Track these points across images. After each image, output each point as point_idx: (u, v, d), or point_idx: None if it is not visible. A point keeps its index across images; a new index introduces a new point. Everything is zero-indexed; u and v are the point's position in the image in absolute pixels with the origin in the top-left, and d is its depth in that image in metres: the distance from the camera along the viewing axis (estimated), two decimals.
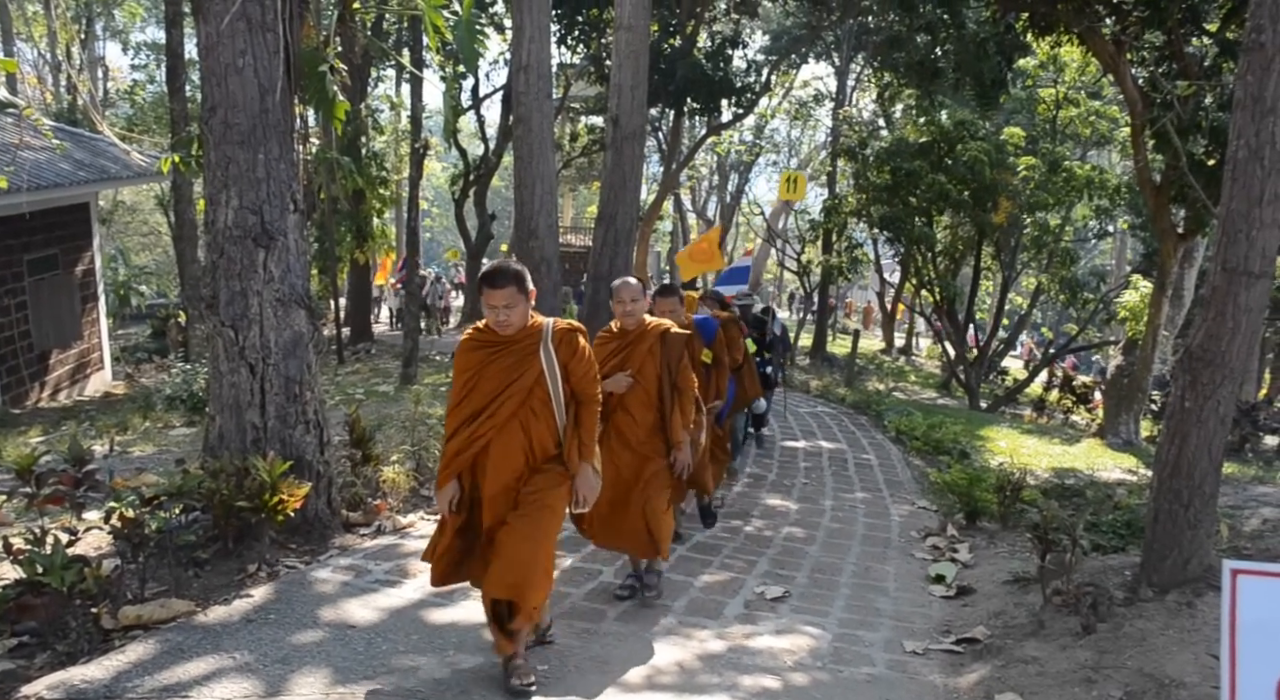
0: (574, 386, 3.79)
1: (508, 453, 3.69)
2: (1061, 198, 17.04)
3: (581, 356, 3.76)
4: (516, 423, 3.69)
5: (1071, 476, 9.23)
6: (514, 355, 3.68)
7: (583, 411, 3.84)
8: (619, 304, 4.69)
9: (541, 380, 3.69)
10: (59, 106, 23.64)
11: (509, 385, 3.66)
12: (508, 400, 3.66)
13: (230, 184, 5.16)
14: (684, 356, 4.76)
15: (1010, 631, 4.57)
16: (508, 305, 3.59)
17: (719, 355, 5.94)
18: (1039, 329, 34.44)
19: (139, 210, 29.58)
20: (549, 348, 3.70)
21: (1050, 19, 11.44)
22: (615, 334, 4.79)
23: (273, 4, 5.12)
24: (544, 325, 3.76)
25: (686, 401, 4.76)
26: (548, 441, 3.75)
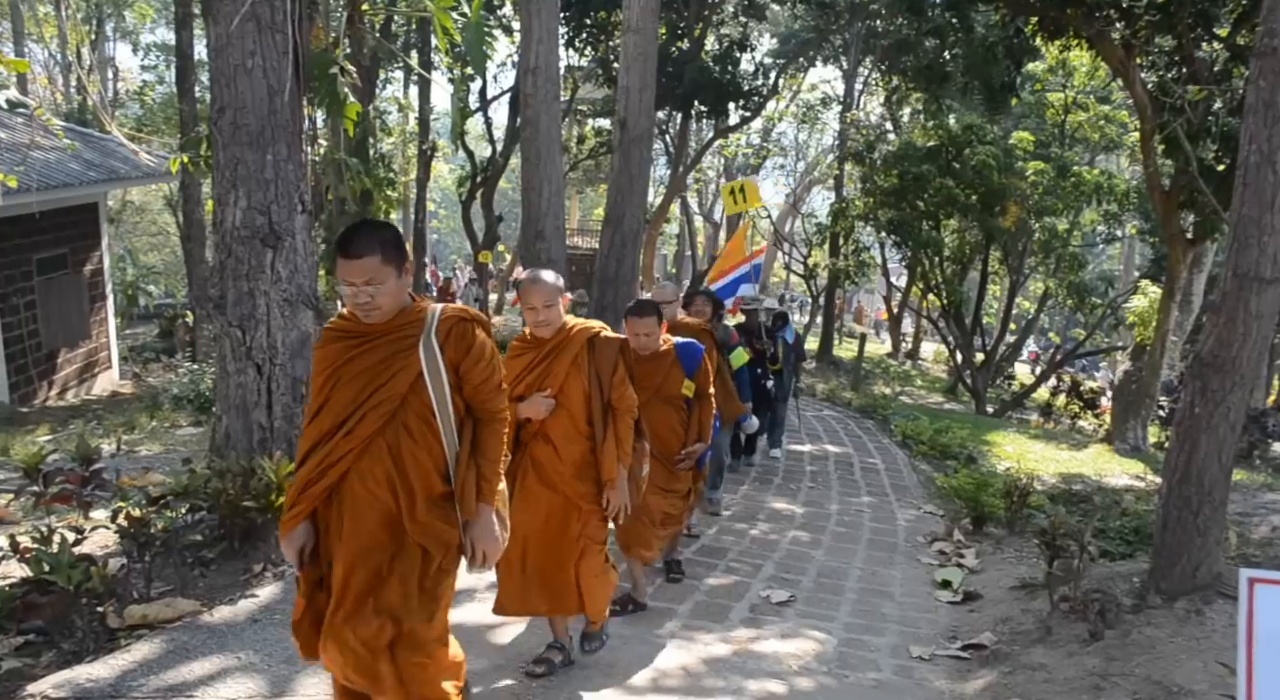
0: (469, 397, 2.80)
1: (370, 488, 2.68)
2: (1070, 202, 16.99)
3: (479, 355, 2.78)
4: (382, 445, 2.68)
5: (1079, 482, 9.20)
6: (382, 351, 2.70)
7: (483, 433, 2.84)
8: (528, 310, 3.63)
9: (419, 387, 2.70)
10: (69, 107, 23.74)
11: (373, 392, 2.67)
12: (370, 412, 2.67)
13: (239, 184, 5.17)
14: (619, 367, 3.74)
15: (1017, 638, 4.55)
16: (370, 281, 2.60)
17: (703, 387, 4.84)
18: (1046, 334, 34.37)
19: (147, 210, 29.66)
20: (432, 342, 2.72)
21: (1059, 23, 11.41)
22: (531, 342, 3.73)
23: (282, 5, 5.14)
24: (428, 312, 2.78)
25: (623, 426, 3.78)
26: (429, 475, 2.72)
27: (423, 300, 2.85)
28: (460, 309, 2.83)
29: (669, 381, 4.71)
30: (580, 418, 3.69)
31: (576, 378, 3.68)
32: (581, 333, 3.71)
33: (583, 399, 3.69)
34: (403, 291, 2.72)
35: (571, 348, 3.67)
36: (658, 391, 4.66)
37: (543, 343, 3.68)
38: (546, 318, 3.62)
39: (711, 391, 4.98)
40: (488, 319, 3.10)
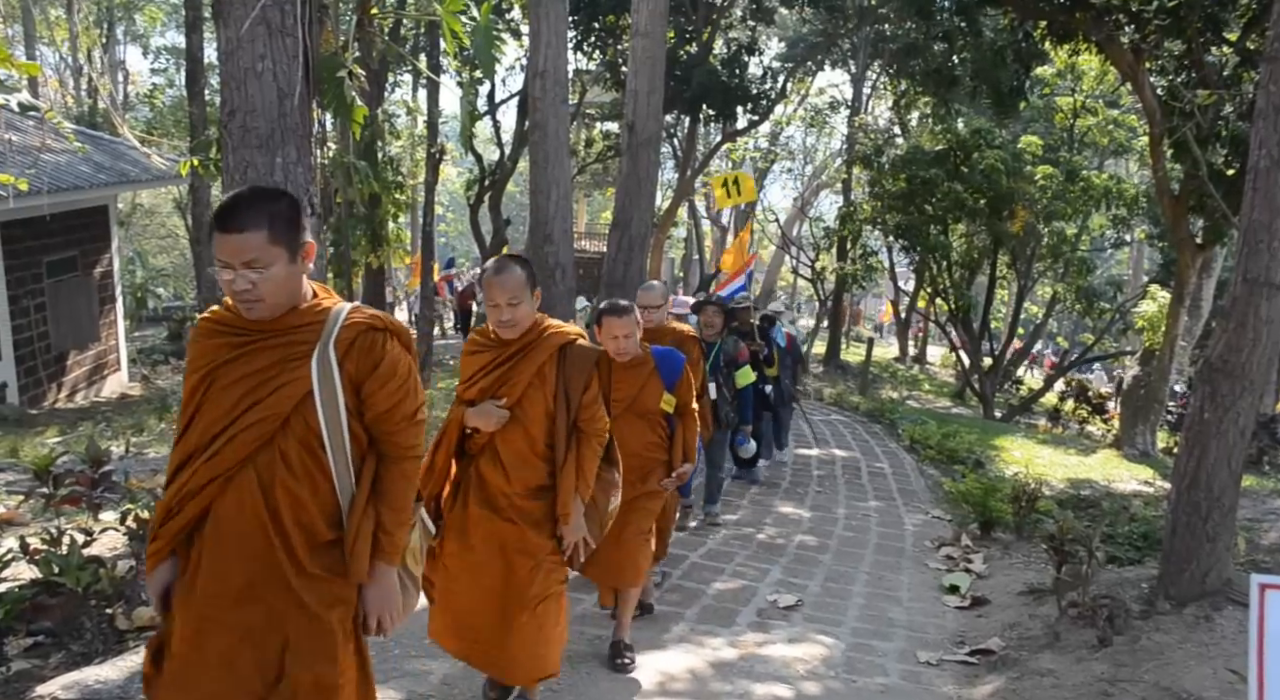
0: (371, 427, 2.25)
1: (237, 529, 2.14)
2: (1078, 207, 16.94)
3: (388, 375, 2.22)
4: (251, 476, 2.14)
5: (1087, 487, 9.17)
6: (266, 357, 2.16)
7: (387, 474, 2.27)
8: (491, 306, 3.11)
9: (307, 408, 2.15)
10: (80, 110, 23.87)
11: (249, 408, 2.14)
12: (241, 433, 2.13)
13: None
14: (593, 383, 3.21)
15: (1025, 643, 4.54)
16: (251, 262, 2.06)
17: (685, 401, 4.23)
18: (1054, 338, 34.27)
19: (157, 213, 29.79)
20: (329, 353, 2.17)
21: (1068, 27, 11.39)
22: (492, 340, 3.21)
23: (292, 9, 5.15)
24: (331, 314, 2.21)
25: (588, 453, 3.20)
26: (312, 519, 2.17)
27: (330, 297, 2.28)
28: (372, 315, 2.24)
29: (645, 394, 4.10)
30: (539, 437, 3.14)
31: (539, 389, 3.13)
32: (554, 338, 3.15)
33: (544, 415, 3.13)
34: (296, 282, 2.16)
35: (538, 354, 3.12)
36: (631, 405, 4.09)
37: (505, 344, 3.16)
38: (512, 317, 3.08)
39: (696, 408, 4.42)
40: None
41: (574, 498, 3.18)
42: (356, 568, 2.21)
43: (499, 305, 3.05)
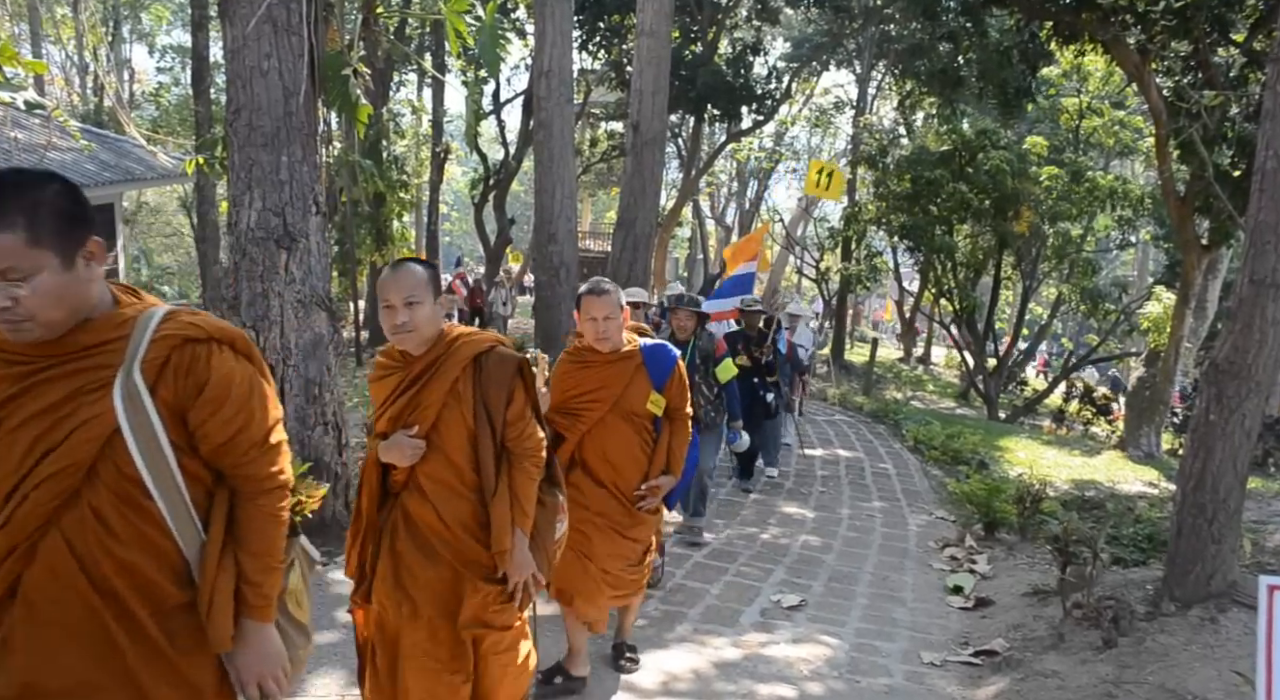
0: (213, 461, 1.84)
1: (55, 614, 1.70)
2: (1084, 208, 16.91)
3: (220, 397, 1.80)
4: (59, 543, 1.69)
5: (1092, 489, 9.15)
6: (58, 390, 1.69)
7: (244, 515, 1.87)
8: (385, 310, 2.63)
9: (116, 451, 1.70)
10: (85, 108, 23.91)
11: (41, 457, 1.67)
12: (34, 491, 1.67)
13: (254, 186, 5.19)
14: (516, 395, 2.70)
15: (1029, 644, 4.53)
16: (6, 272, 1.61)
17: (676, 404, 3.75)
18: (1059, 339, 34.21)
19: (162, 211, 29.84)
20: (134, 378, 1.71)
21: (1074, 28, 11.37)
22: (398, 361, 2.74)
23: (298, 8, 5.16)
24: (139, 324, 1.76)
25: (523, 478, 2.72)
26: (152, 584, 1.76)
27: (138, 301, 1.83)
28: (191, 322, 1.80)
29: (632, 393, 3.62)
30: (464, 465, 2.68)
31: (456, 410, 2.65)
32: (465, 348, 2.66)
33: (465, 439, 2.67)
34: (77, 291, 1.68)
35: (449, 369, 2.64)
36: (616, 405, 3.62)
37: (412, 363, 2.68)
38: (409, 319, 2.57)
39: None
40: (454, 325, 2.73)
41: (511, 530, 2.68)
42: (217, 635, 1.79)
43: (393, 306, 2.57)
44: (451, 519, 2.69)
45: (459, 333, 2.71)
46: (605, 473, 3.68)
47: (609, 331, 3.53)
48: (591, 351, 3.60)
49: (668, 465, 3.79)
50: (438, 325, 2.66)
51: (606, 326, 3.51)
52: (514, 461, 2.72)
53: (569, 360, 3.68)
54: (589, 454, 3.69)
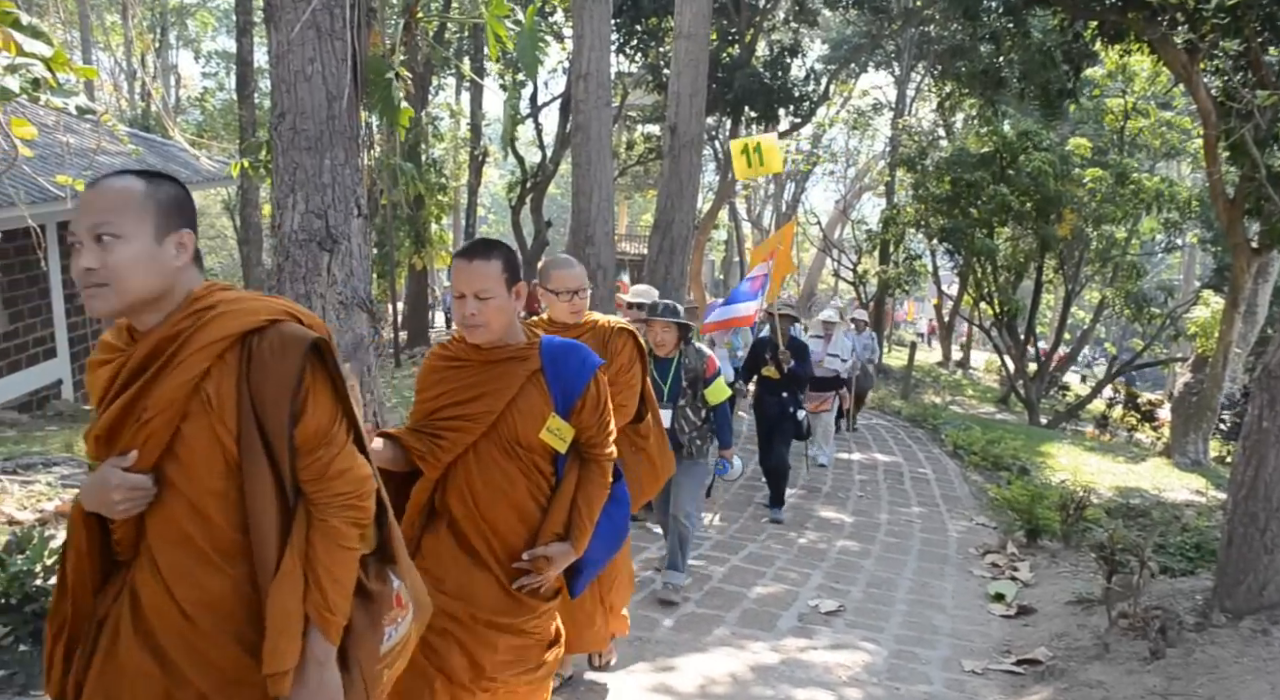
0: None
1: None
2: (1129, 210, 16.63)
3: None
4: None
5: (1137, 496, 8.98)
6: None
7: None
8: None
9: None
10: (133, 113, 24.40)
11: None
12: None
13: (297, 189, 5.25)
14: (315, 402, 1.71)
15: (1074, 654, 4.45)
16: None
17: (590, 435, 2.56)
18: (1102, 344, 33.67)
19: (206, 214, 30.34)
20: None
21: (1120, 27, 11.19)
22: (126, 343, 1.73)
23: (341, 13, 5.22)
24: None
25: (327, 546, 1.71)
26: None
27: None
28: None
29: (518, 413, 2.45)
30: (219, 516, 1.65)
31: (204, 426, 1.64)
32: (223, 320, 1.66)
33: (220, 474, 1.65)
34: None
35: (191, 357, 1.63)
36: (494, 429, 2.45)
37: (133, 345, 1.70)
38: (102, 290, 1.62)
39: (644, 441, 3.65)
40: None
41: (300, 637, 1.65)
42: None
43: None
44: (198, 608, 1.65)
45: (218, 298, 1.70)
46: (474, 531, 2.48)
47: (489, 320, 2.36)
48: (466, 345, 2.47)
49: (567, 528, 2.53)
50: (165, 279, 1.67)
51: (486, 312, 2.35)
52: (313, 516, 1.69)
53: (437, 356, 2.54)
54: (453, 500, 2.49)
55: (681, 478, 4.79)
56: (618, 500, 2.73)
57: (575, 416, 2.50)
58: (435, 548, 2.50)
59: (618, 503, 2.73)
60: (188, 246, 1.74)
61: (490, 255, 2.37)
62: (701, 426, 5.06)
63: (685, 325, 4.89)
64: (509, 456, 2.46)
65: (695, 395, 5.00)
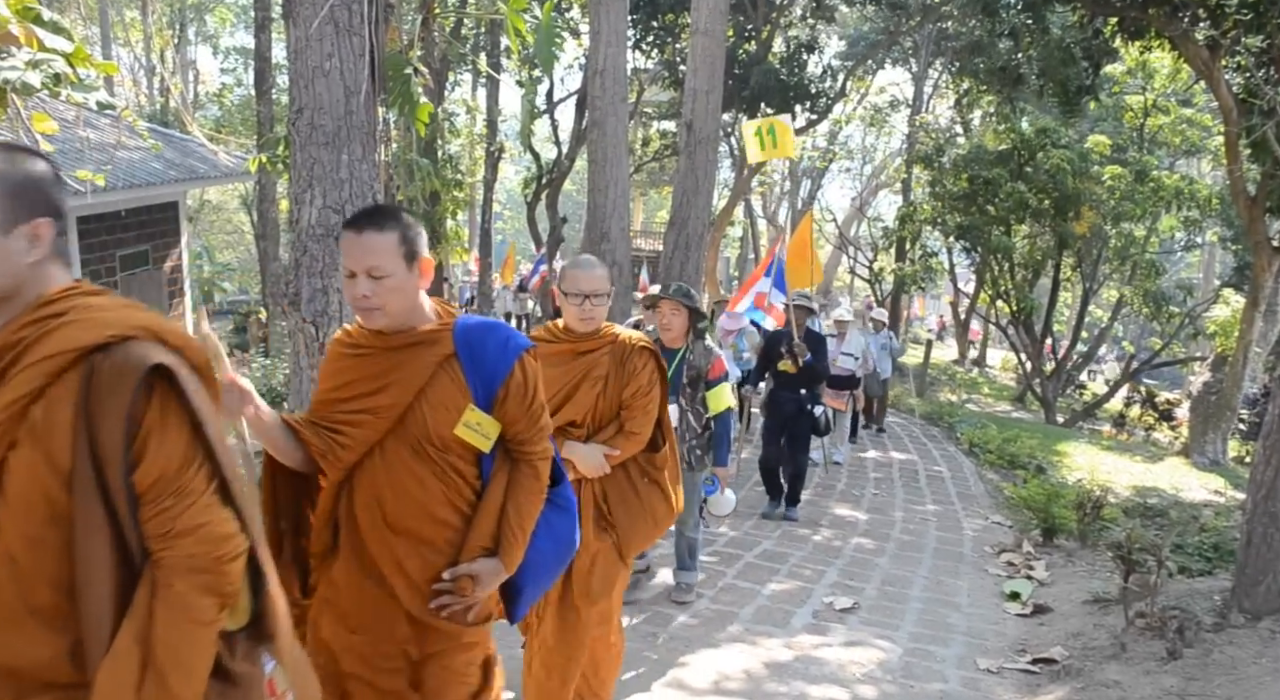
0: None
1: None
2: (1148, 208, 16.51)
3: None
4: None
5: (1154, 496, 8.93)
6: None
7: None
8: None
9: None
10: (152, 108, 24.56)
11: None
12: None
13: (314, 184, 5.28)
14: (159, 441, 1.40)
15: (1090, 653, 4.43)
16: None
17: (519, 431, 2.20)
18: (1120, 343, 33.45)
19: (224, 209, 30.52)
20: None
21: (1140, 24, 11.10)
22: None
23: (359, 8, 5.23)
24: None
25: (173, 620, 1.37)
26: None
27: None
28: None
29: (429, 405, 2.11)
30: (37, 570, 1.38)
31: (30, 461, 1.37)
32: (63, 332, 1.39)
33: (42, 514, 1.37)
34: None
35: (20, 376, 1.37)
36: (401, 425, 2.11)
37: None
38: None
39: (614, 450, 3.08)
40: None
41: None
42: None
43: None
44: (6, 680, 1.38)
45: (75, 303, 1.44)
46: (382, 548, 2.10)
47: (386, 301, 2.06)
48: (369, 331, 2.15)
49: (496, 541, 2.16)
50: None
51: (381, 293, 2.05)
52: (158, 582, 1.39)
53: (339, 343, 2.22)
54: (359, 511, 2.13)
55: None
56: (560, 507, 2.37)
57: (499, 409, 2.14)
58: (339, 571, 2.14)
59: (560, 510, 2.37)
60: (43, 238, 1.44)
61: (384, 225, 2.04)
62: (703, 433, 4.67)
63: (697, 311, 4.48)
64: (420, 457, 2.10)
65: (695, 396, 4.57)
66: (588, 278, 3.01)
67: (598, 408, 3.10)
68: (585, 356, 3.10)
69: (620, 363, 3.11)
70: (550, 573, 2.40)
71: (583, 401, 3.07)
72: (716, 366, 4.55)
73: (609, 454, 3.06)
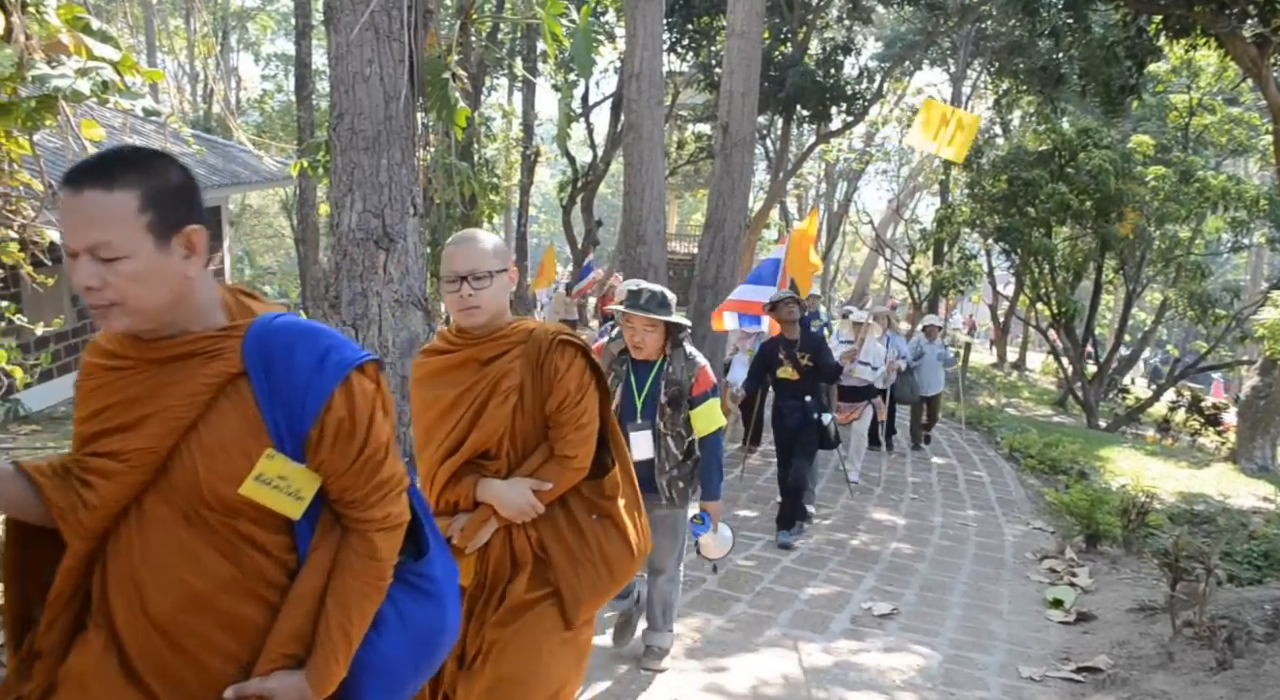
0: None
1: None
2: (1193, 209, 16.19)
3: None
4: None
5: (1201, 502, 8.75)
6: None
7: None
8: None
9: None
10: (195, 115, 25.00)
11: None
12: None
13: (354, 188, 5.34)
14: None
15: (1136, 662, 4.34)
16: None
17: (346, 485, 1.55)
18: (1164, 346, 32.87)
19: (264, 214, 30.97)
20: None
21: (1186, 21, 10.89)
22: None
23: (399, 14, 5.29)
24: None
25: None
26: None
27: None
28: None
29: (203, 449, 1.47)
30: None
31: None
32: None
33: None
34: None
35: None
36: (164, 478, 1.48)
37: None
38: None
39: None
40: None
41: None
42: None
43: None
44: None
45: None
46: (142, 650, 1.48)
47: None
48: (123, 337, 1.52)
49: (308, 647, 1.54)
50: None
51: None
52: None
53: (94, 351, 1.56)
54: (114, 595, 1.49)
55: (657, 531, 3.59)
56: (419, 590, 1.70)
57: (313, 455, 1.49)
58: (87, 674, 1.47)
59: (419, 594, 1.70)
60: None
61: (111, 182, 1.39)
62: (684, 462, 3.79)
63: (676, 324, 3.68)
64: (192, 524, 1.46)
65: (677, 417, 3.74)
66: (464, 254, 2.29)
67: (516, 430, 2.36)
68: (491, 365, 2.35)
69: (537, 366, 2.35)
70: (402, 686, 1.68)
71: (494, 424, 2.33)
72: (701, 379, 3.76)
73: (538, 490, 2.33)
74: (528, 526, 2.39)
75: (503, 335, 2.37)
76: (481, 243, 2.32)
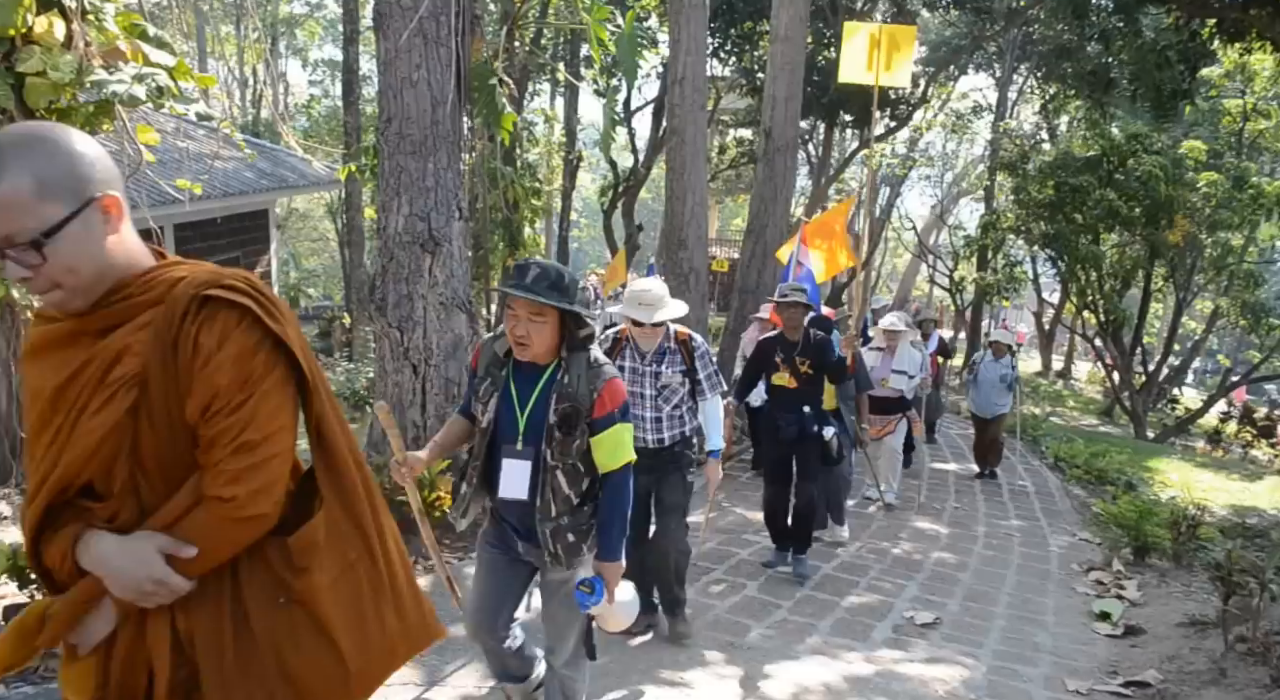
0: None
1: None
2: (1246, 216, 15.82)
3: None
4: None
5: (1254, 515, 8.56)
6: None
7: None
8: None
9: None
10: (245, 119, 25.45)
11: None
12: None
13: (401, 192, 5.41)
14: None
15: (1186, 678, 4.25)
16: None
17: None
18: (1215, 356, 32.18)
19: (310, 217, 31.42)
20: None
21: (1240, 25, 10.66)
22: None
23: (447, 20, 5.35)
24: None
25: None
26: None
27: None
28: None
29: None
30: None
31: None
32: None
33: None
34: None
35: None
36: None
37: None
38: None
39: None
40: None
41: None
42: None
43: None
44: None
45: None
46: None
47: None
48: None
49: None
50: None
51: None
52: None
53: None
54: None
55: (548, 601, 2.92)
56: None
57: None
58: None
59: None
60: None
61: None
62: (580, 507, 2.79)
63: (574, 314, 2.66)
64: None
65: (569, 444, 2.72)
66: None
67: (142, 449, 1.48)
68: (104, 340, 1.48)
69: (170, 344, 1.46)
70: None
71: (92, 439, 1.46)
72: (608, 395, 2.72)
73: (173, 553, 1.45)
74: (176, 609, 1.48)
75: (128, 293, 1.49)
76: None
